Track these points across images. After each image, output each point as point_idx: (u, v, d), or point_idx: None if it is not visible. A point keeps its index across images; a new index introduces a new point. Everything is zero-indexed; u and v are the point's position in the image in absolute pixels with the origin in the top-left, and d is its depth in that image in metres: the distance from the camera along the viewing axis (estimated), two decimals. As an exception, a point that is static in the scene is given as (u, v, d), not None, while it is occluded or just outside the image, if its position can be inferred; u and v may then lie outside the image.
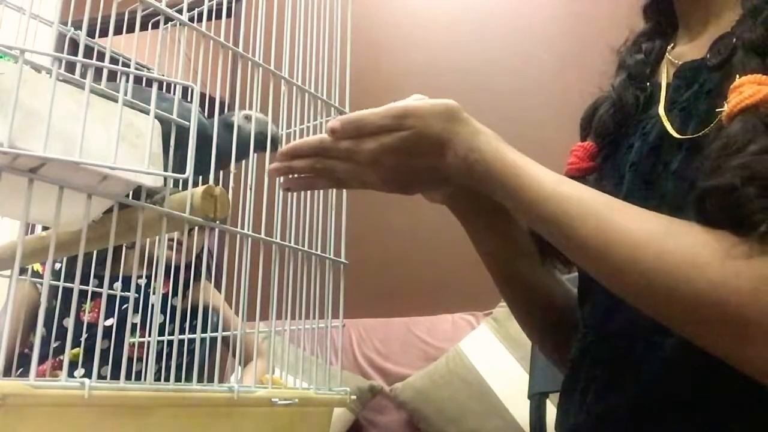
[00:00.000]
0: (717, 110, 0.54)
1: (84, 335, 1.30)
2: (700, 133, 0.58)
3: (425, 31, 2.79)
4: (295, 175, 0.68)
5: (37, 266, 1.53)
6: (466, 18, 2.74)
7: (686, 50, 0.69)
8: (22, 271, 1.36)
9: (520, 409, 1.86)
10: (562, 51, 2.51)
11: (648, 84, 0.71)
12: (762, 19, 0.56)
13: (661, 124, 0.63)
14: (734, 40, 0.58)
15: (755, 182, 0.47)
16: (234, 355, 0.87)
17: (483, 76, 2.63)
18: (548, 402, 1.27)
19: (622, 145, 0.70)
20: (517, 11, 2.69)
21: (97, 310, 1.52)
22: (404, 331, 2.34)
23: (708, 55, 0.62)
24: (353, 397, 0.74)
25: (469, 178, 0.61)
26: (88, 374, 0.49)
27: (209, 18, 0.77)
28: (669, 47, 0.72)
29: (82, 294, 0.90)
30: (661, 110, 0.64)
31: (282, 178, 0.70)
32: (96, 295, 1.46)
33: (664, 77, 0.68)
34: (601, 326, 0.65)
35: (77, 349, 1.31)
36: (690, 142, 0.59)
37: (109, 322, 1.37)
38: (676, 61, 0.68)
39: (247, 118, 0.75)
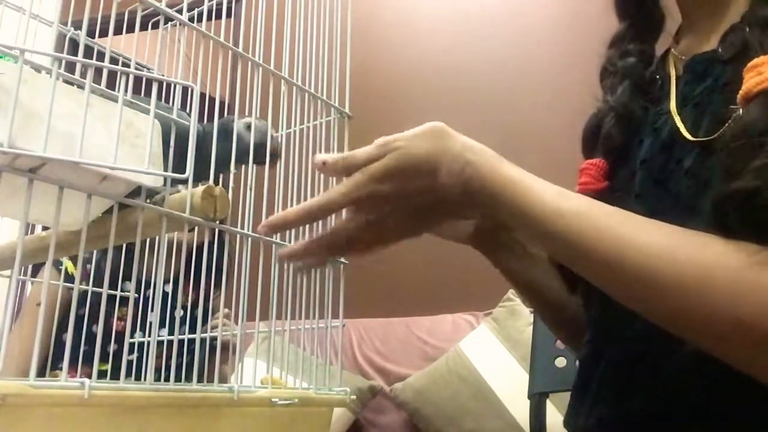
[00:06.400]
0: (731, 107, 0.51)
1: (113, 345, 1.24)
2: (715, 135, 0.54)
3: (425, 31, 2.79)
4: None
5: (71, 268, 1.52)
6: (466, 18, 2.74)
7: (693, 45, 0.66)
8: (27, 270, 1.34)
9: (520, 409, 1.85)
10: (563, 50, 2.51)
11: (657, 78, 0.68)
12: None
13: (673, 122, 0.60)
14: (747, 30, 0.56)
15: None
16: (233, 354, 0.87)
17: (483, 76, 2.62)
18: (548, 402, 1.27)
19: (633, 145, 0.66)
20: (518, 11, 2.68)
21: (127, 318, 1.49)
22: (404, 331, 2.34)
23: (720, 48, 0.59)
24: (353, 397, 0.74)
25: (465, 196, 0.56)
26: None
27: (209, 18, 0.77)
28: (673, 44, 0.69)
29: (112, 299, 0.88)
30: (672, 107, 0.61)
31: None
32: (127, 300, 1.43)
33: (673, 72, 0.66)
34: (617, 331, 0.62)
35: (104, 364, 1.28)
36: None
37: (139, 337, 1.34)
38: (683, 57, 0.65)
39: (248, 126, 0.75)
